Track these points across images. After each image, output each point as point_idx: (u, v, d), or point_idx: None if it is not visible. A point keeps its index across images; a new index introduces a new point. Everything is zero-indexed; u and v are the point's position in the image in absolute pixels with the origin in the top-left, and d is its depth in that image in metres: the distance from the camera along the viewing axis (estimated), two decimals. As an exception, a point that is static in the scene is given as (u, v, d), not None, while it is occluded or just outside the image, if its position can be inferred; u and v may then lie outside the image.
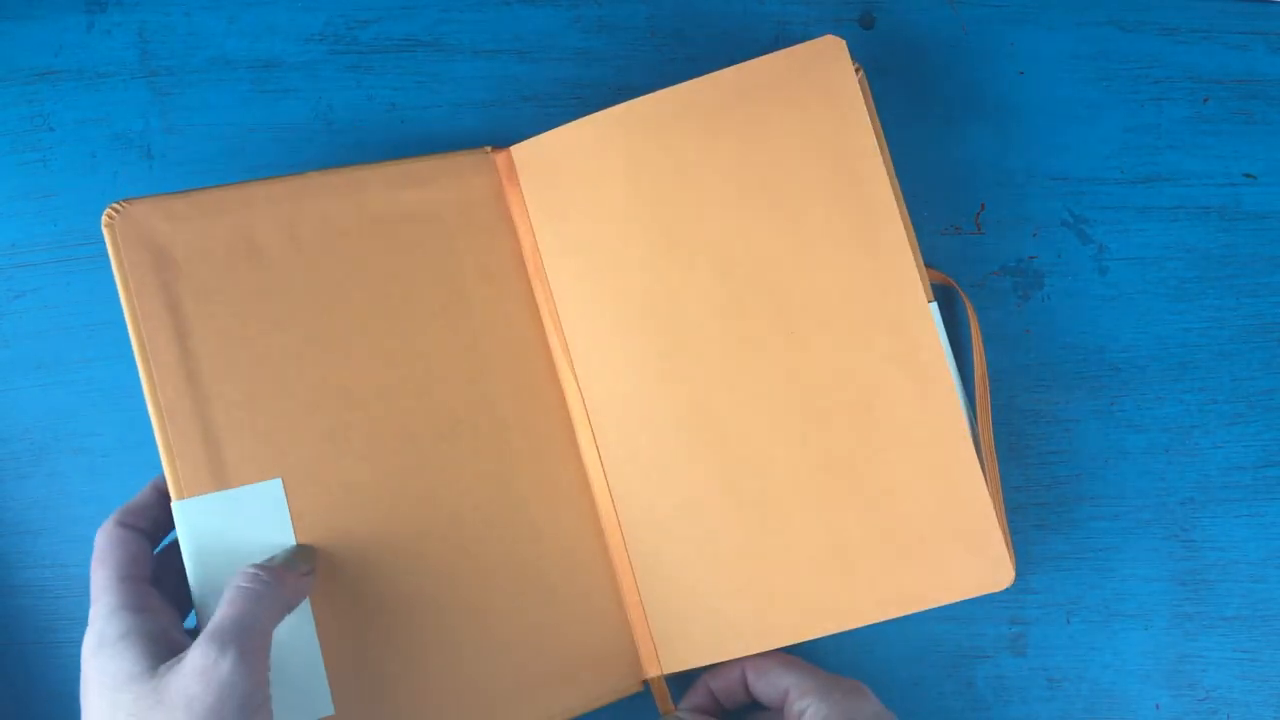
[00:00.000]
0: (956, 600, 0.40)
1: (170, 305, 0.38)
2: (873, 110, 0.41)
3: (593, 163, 0.42)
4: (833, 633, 0.40)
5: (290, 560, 0.37)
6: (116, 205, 0.38)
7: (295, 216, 0.40)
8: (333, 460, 0.39)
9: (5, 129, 0.45)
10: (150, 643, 0.34)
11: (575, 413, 0.43)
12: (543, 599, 0.41)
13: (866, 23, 0.47)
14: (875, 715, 0.38)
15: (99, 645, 0.34)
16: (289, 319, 0.40)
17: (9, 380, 0.45)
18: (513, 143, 0.43)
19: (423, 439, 0.41)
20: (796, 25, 0.47)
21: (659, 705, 0.42)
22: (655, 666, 0.42)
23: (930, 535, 0.40)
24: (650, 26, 0.47)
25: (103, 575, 0.36)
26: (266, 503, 0.38)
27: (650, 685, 0.43)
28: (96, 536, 0.37)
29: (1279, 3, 0.47)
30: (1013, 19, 0.47)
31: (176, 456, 0.38)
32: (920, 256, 0.41)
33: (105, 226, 0.38)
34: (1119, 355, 0.46)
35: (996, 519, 0.40)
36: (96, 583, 0.36)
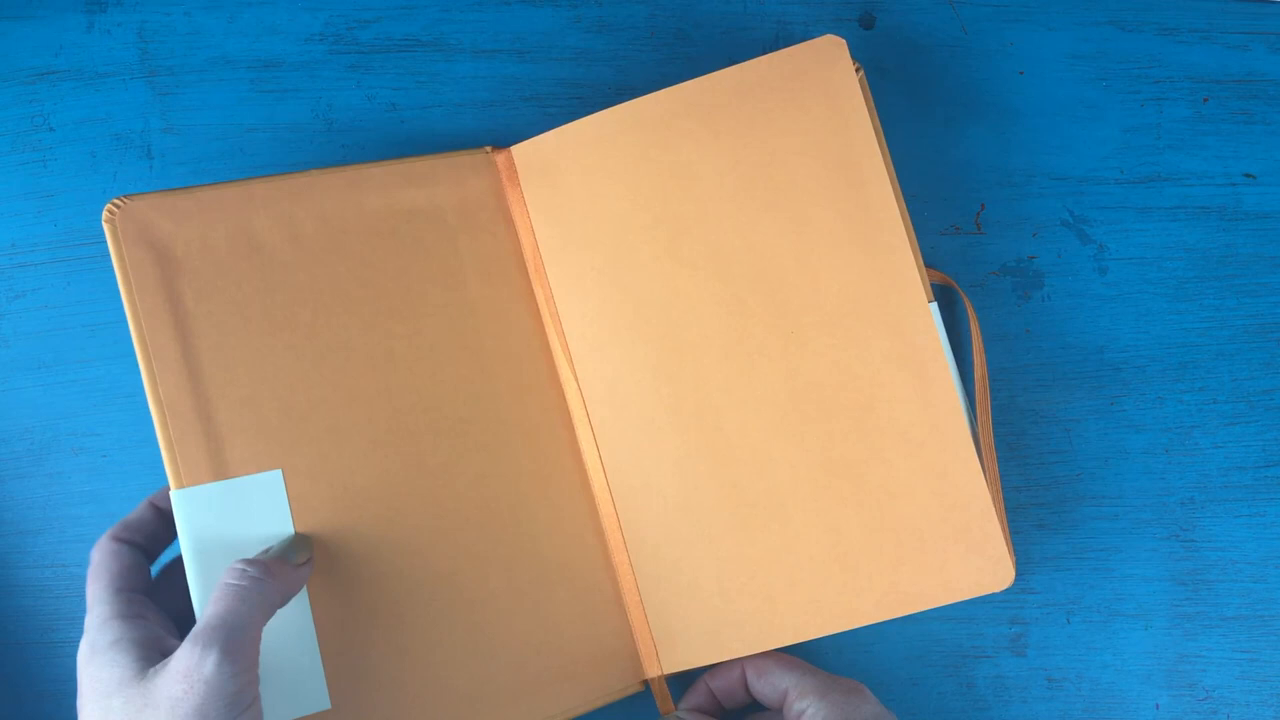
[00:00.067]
0: (957, 600, 0.40)
1: (171, 301, 0.38)
2: (873, 110, 0.41)
3: (593, 162, 0.42)
4: (833, 633, 0.40)
5: (285, 550, 0.37)
6: (117, 201, 0.38)
7: (296, 214, 0.40)
8: (333, 457, 0.39)
9: (5, 129, 0.45)
10: (140, 649, 0.34)
11: (575, 412, 0.43)
12: (542, 598, 0.41)
13: (866, 23, 0.47)
14: (874, 716, 0.38)
15: (91, 654, 0.34)
16: (290, 316, 0.40)
17: (9, 380, 0.45)
18: (513, 143, 0.43)
19: (423, 437, 0.41)
20: (796, 25, 0.47)
21: (659, 705, 0.42)
22: (655, 666, 0.42)
23: (930, 535, 0.40)
24: (650, 26, 0.47)
25: (96, 587, 0.36)
26: (266, 494, 0.38)
27: (650, 685, 0.43)
28: (92, 551, 0.37)
29: (1279, 3, 0.47)
30: (1013, 19, 0.47)
31: (177, 451, 0.38)
32: (920, 256, 0.41)
33: (106, 222, 0.38)
34: (1119, 355, 0.46)
35: (997, 519, 0.40)
36: (91, 594, 0.36)
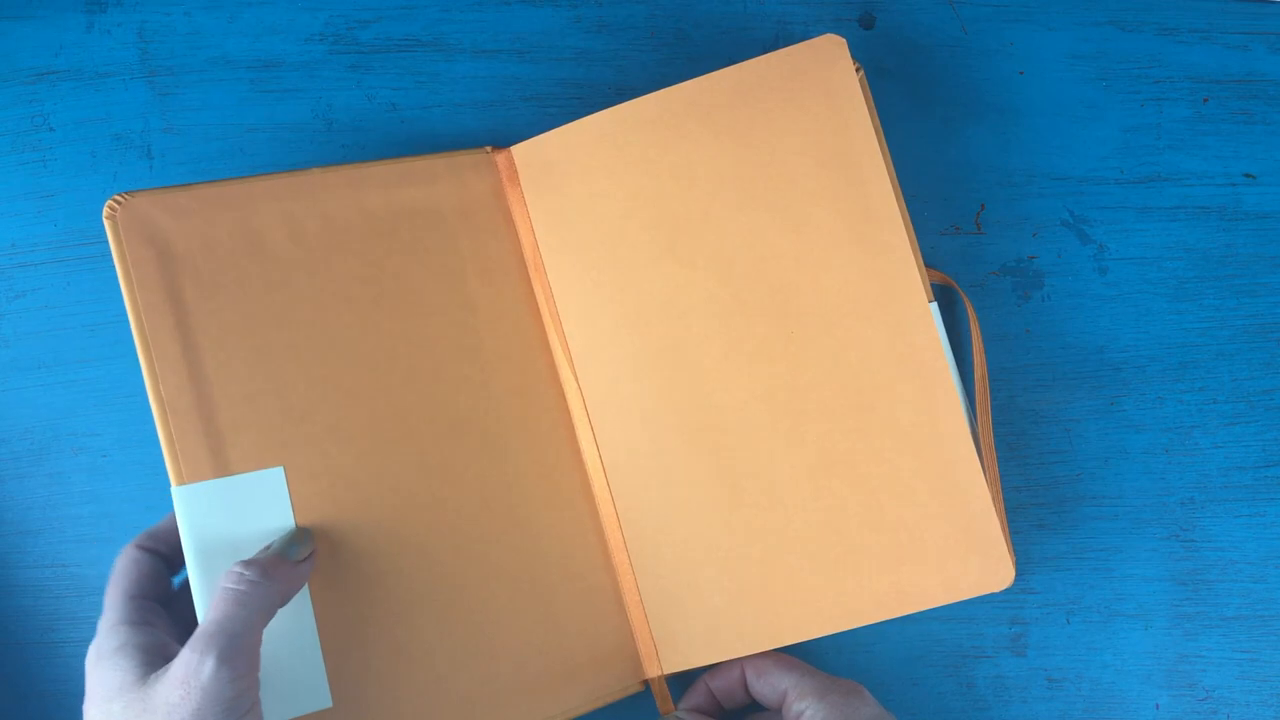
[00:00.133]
0: (957, 600, 0.40)
1: (172, 298, 0.38)
2: (873, 110, 0.41)
3: (593, 162, 0.42)
4: (833, 633, 0.40)
5: (286, 547, 0.37)
6: (118, 197, 0.38)
7: (297, 212, 0.40)
8: (333, 455, 0.39)
9: (5, 129, 0.45)
10: (144, 654, 0.34)
11: (575, 412, 0.43)
12: (543, 598, 0.41)
13: (866, 23, 0.47)
14: (874, 717, 0.38)
15: (98, 658, 0.35)
16: (291, 314, 0.40)
17: (9, 380, 0.45)
18: (513, 143, 0.43)
19: (423, 437, 0.41)
20: (796, 25, 0.47)
21: (659, 705, 0.42)
22: (655, 666, 0.42)
23: (930, 535, 0.40)
24: (650, 26, 0.47)
25: (112, 593, 0.37)
26: (268, 491, 0.38)
27: (650, 685, 0.43)
28: (117, 557, 0.38)
29: (1279, 3, 0.47)
30: (1013, 19, 0.47)
31: (178, 448, 0.37)
32: (920, 256, 0.41)
33: (106, 219, 0.38)
34: (1119, 355, 0.46)
35: (997, 519, 0.40)
36: (106, 600, 0.37)
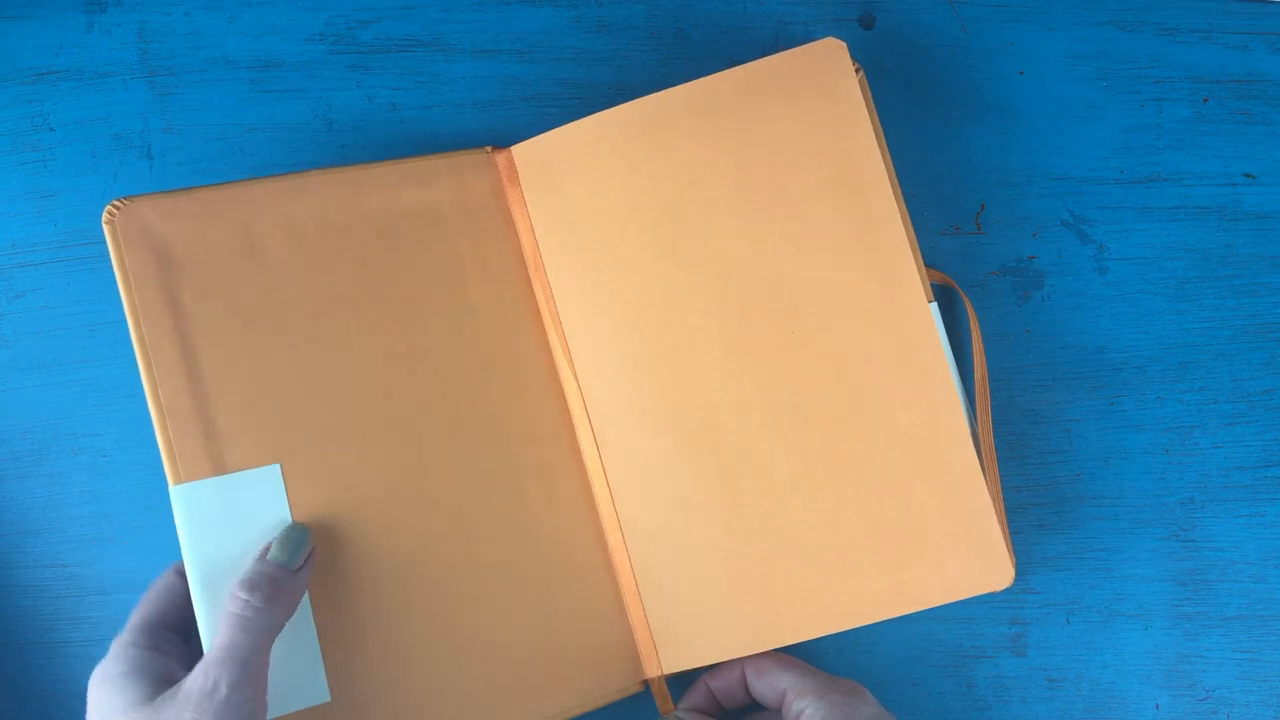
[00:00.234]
0: (956, 600, 0.40)
1: (170, 302, 0.38)
2: (873, 110, 0.41)
3: (593, 163, 0.42)
4: (832, 633, 0.40)
5: (286, 550, 0.37)
6: (117, 202, 0.38)
7: (296, 215, 0.40)
8: (331, 456, 0.39)
9: (5, 129, 0.45)
10: (150, 678, 0.35)
11: (575, 412, 0.43)
12: (542, 598, 0.41)
13: (866, 23, 0.47)
14: (873, 717, 0.38)
15: (102, 680, 0.35)
16: (289, 317, 0.40)
17: (9, 380, 0.45)
18: (513, 143, 0.43)
19: (422, 437, 0.41)
20: (797, 25, 0.47)
21: (659, 705, 0.42)
22: (655, 666, 0.42)
23: (930, 535, 0.40)
24: (650, 26, 0.47)
25: (133, 616, 0.37)
26: (265, 489, 0.38)
27: (650, 685, 0.43)
28: (155, 579, 0.39)
29: (1279, 3, 0.47)
30: (1013, 19, 0.47)
31: (177, 454, 0.38)
32: (920, 256, 0.41)
33: (106, 224, 0.38)
34: (1119, 355, 0.46)
35: (996, 519, 0.40)
36: (128, 622, 0.37)
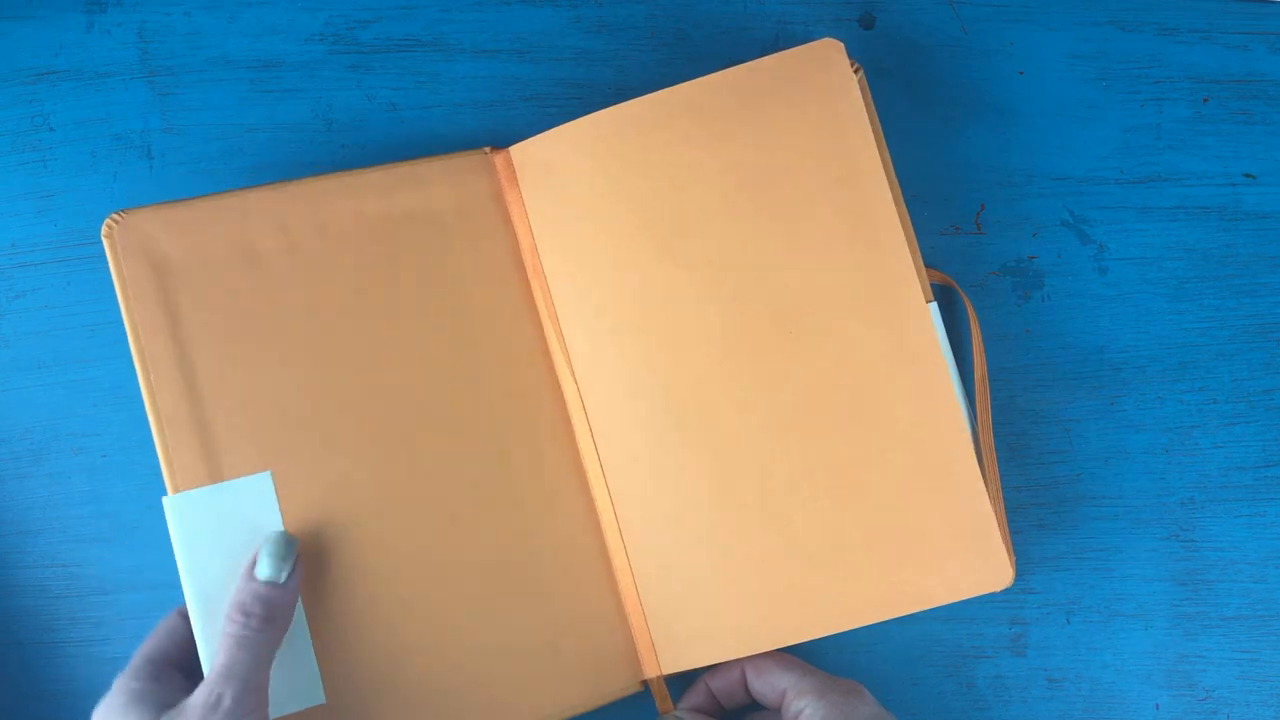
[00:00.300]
0: (956, 600, 0.40)
1: (168, 313, 0.39)
2: (872, 110, 0.41)
3: (591, 163, 0.42)
4: (832, 633, 0.40)
5: (273, 563, 0.37)
6: (116, 215, 0.39)
7: (292, 223, 0.40)
8: (326, 460, 0.40)
9: (5, 129, 0.45)
10: (152, 705, 0.35)
11: (574, 413, 0.43)
12: (541, 599, 0.41)
13: (866, 23, 0.47)
14: (872, 716, 0.38)
15: (106, 712, 0.36)
16: (286, 324, 0.40)
17: (9, 380, 0.45)
18: (512, 143, 0.43)
19: (420, 440, 0.41)
20: (797, 25, 0.47)
21: (658, 705, 0.42)
22: (654, 667, 0.42)
23: (930, 536, 0.40)
24: (650, 26, 0.47)
25: (135, 655, 0.38)
26: (256, 496, 0.39)
27: (649, 685, 0.43)
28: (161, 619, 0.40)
29: (1279, 3, 0.47)
30: (1013, 19, 0.47)
31: (174, 460, 0.38)
32: (920, 256, 0.41)
33: (105, 237, 0.39)
34: (1119, 355, 0.46)
35: (996, 519, 0.40)
36: (130, 662, 0.38)
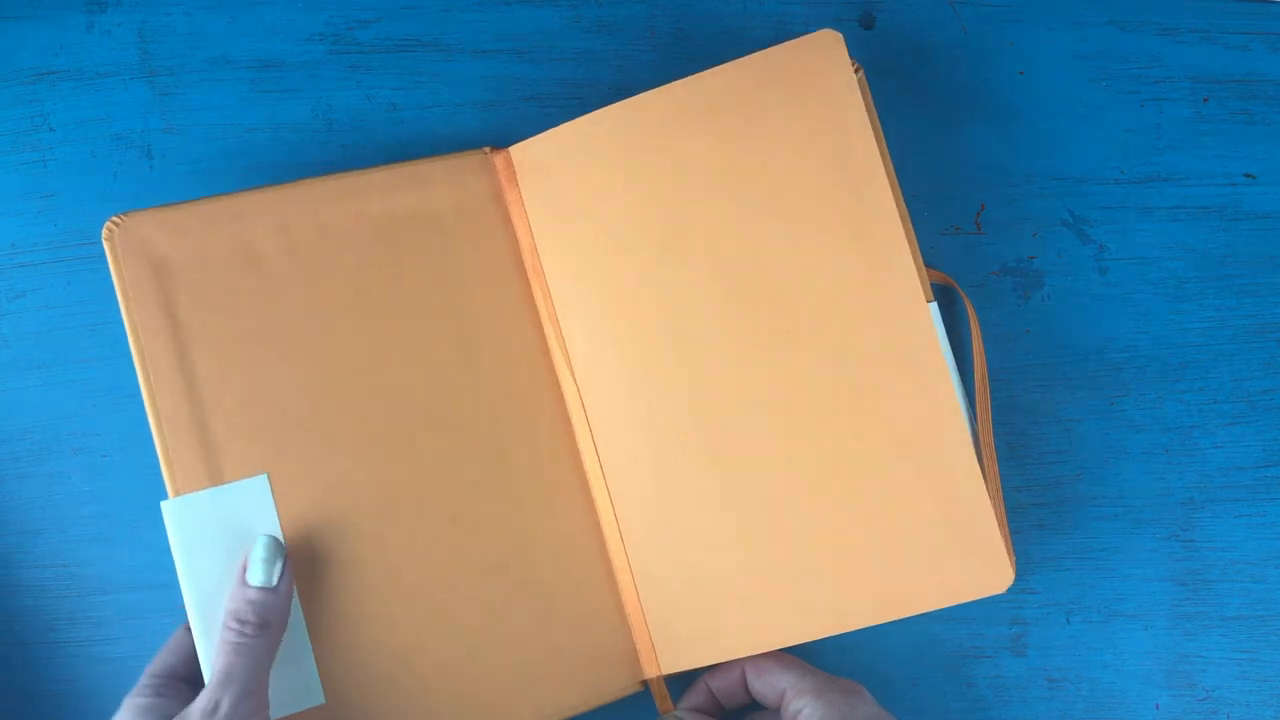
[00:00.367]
0: (955, 603, 0.40)
1: (169, 315, 0.39)
2: (872, 110, 0.41)
3: (590, 163, 0.42)
4: (831, 634, 0.40)
5: (263, 568, 0.37)
6: (116, 218, 0.39)
7: (292, 224, 0.40)
8: (325, 461, 0.40)
9: (5, 129, 0.45)
10: (155, 717, 0.36)
11: (574, 413, 0.43)
12: (541, 599, 0.41)
13: (866, 23, 0.47)
14: (871, 716, 0.38)
15: None
16: (286, 325, 0.40)
17: (9, 380, 0.45)
18: (513, 143, 0.43)
19: (420, 440, 0.41)
20: (796, 25, 0.47)
21: (658, 705, 0.42)
22: (654, 667, 0.42)
23: (929, 537, 0.40)
24: (650, 26, 0.47)
25: (143, 673, 0.38)
26: (252, 498, 0.39)
27: (649, 685, 0.43)
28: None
29: (1279, 3, 0.47)
30: (1013, 19, 0.47)
31: (174, 461, 0.39)
32: (920, 256, 0.41)
33: (105, 240, 0.39)
34: (1119, 355, 0.46)
35: (996, 521, 0.40)
36: (138, 680, 0.38)
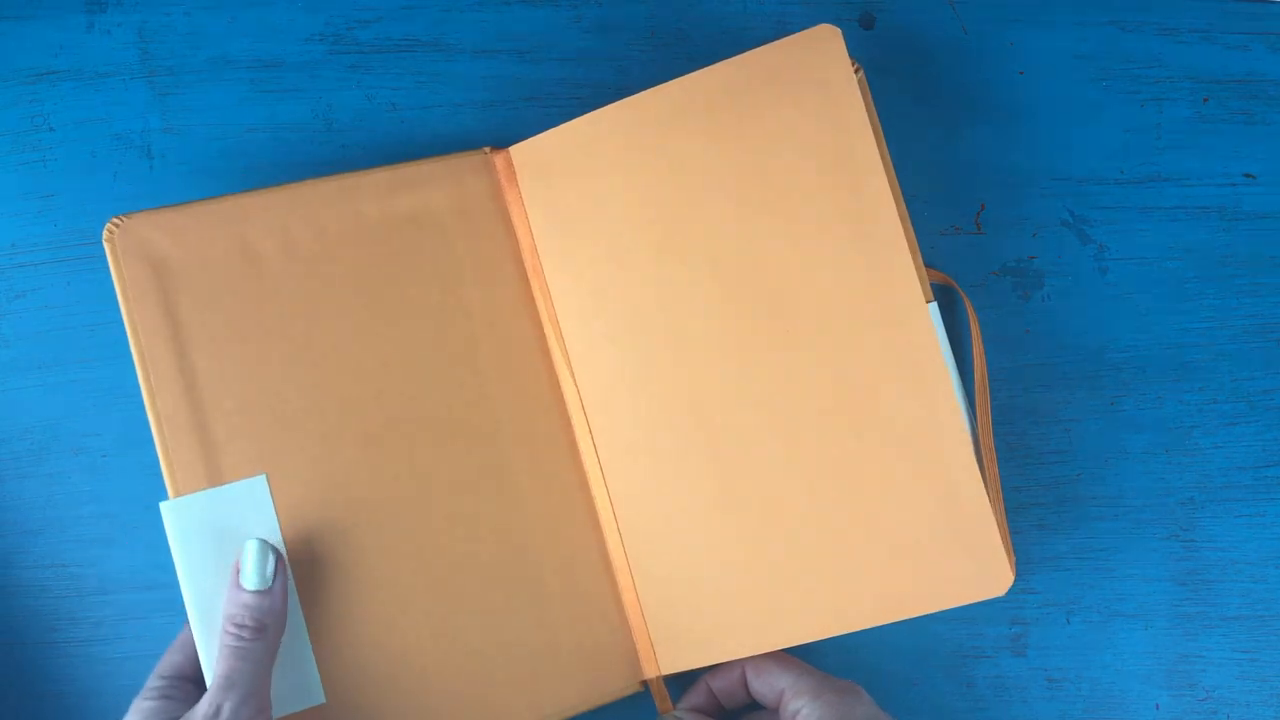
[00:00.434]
0: (955, 605, 0.40)
1: (169, 316, 0.39)
2: (872, 110, 0.41)
3: (589, 162, 0.42)
4: (830, 635, 0.40)
5: (256, 573, 0.37)
6: (116, 220, 0.39)
7: (291, 225, 0.41)
8: (324, 461, 0.40)
9: (5, 129, 0.45)
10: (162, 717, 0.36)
11: (573, 413, 0.43)
12: (540, 599, 0.41)
13: (866, 23, 0.47)
14: (869, 717, 0.38)
15: None
16: (285, 326, 0.40)
17: (9, 380, 0.45)
18: (513, 143, 0.43)
19: (416, 439, 0.41)
20: (796, 25, 0.47)
21: (658, 705, 0.42)
22: (654, 667, 0.42)
23: (929, 538, 0.40)
24: (650, 26, 0.47)
25: (154, 669, 0.39)
26: (251, 499, 0.39)
27: (649, 685, 0.43)
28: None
29: (1279, 3, 0.47)
30: (1013, 19, 0.47)
31: (174, 461, 0.39)
32: (920, 256, 0.41)
33: (106, 241, 0.39)
34: (1119, 355, 0.46)
35: (995, 522, 0.39)
36: (148, 678, 0.39)
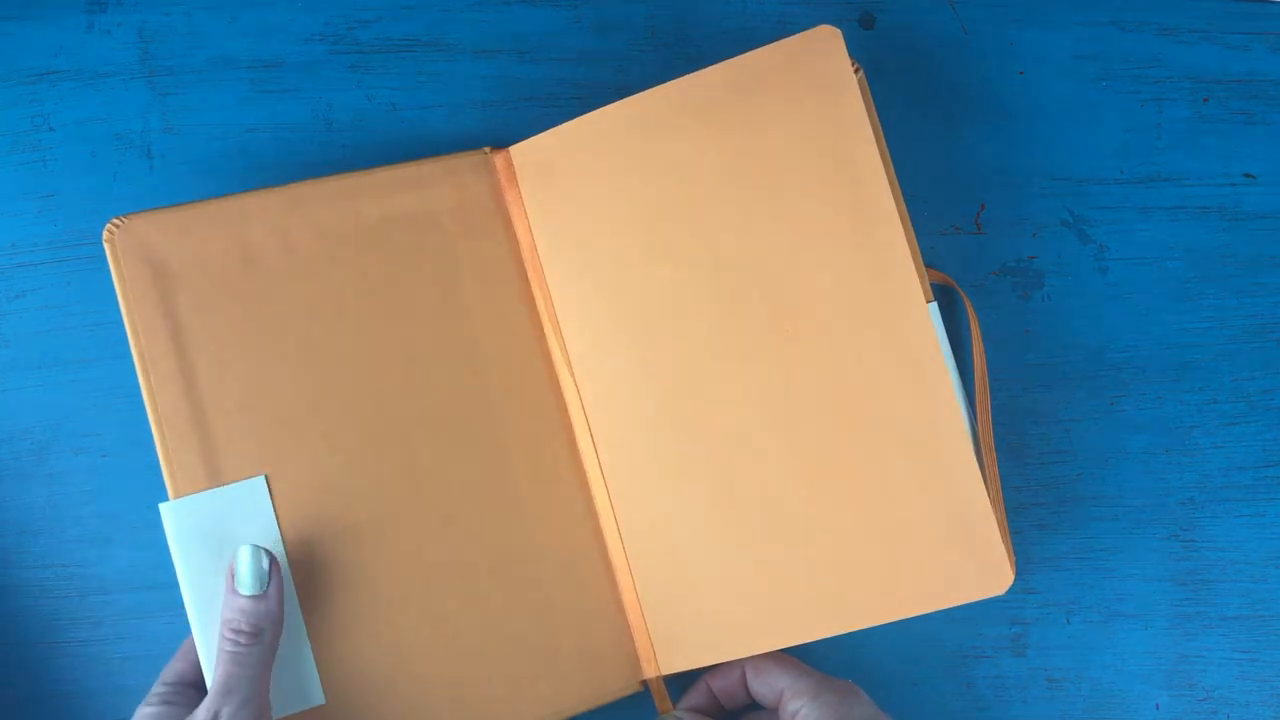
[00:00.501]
0: (955, 605, 0.40)
1: (168, 316, 0.39)
2: (872, 110, 0.41)
3: (589, 162, 0.42)
4: (829, 635, 0.40)
5: (251, 576, 0.37)
6: (117, 220, 0.39)
7: (291, 226, 0.41)
8: (324, 461, 0.40)
9: (5, 129, 0.45)
10: None
11: (574, 413, 0.43)
12: (540, 599, 0.41)
13: (866, 23, 0.47)
14: (868, 717, 0.38)
15: None
16: (284, 326, 0.40)
17: (9, 380, 0.45)
18: (513, 143, 0.43)
19: (420, 441, 0.41)
20: (797, 25, 0.47)
21: (658, 705, 0.42)
22: (654, 667, 0.42)
23: (928, 538, 0.40)
24: (650, 26, 0.47)
25: (160, 675, 0.39)
26: (250, 500, 0.39)
27: (649, 685, 0.43)
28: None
29: (1279, 3, 0.47)
30: (1013, 19, 0.47)
31: (174, 462, 0.39)
32: (920, 256, 0.41)
33: (106, 241, 0.39)
34: (1119, 355, 0.46)
35: (995, 522, 0.39)
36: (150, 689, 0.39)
